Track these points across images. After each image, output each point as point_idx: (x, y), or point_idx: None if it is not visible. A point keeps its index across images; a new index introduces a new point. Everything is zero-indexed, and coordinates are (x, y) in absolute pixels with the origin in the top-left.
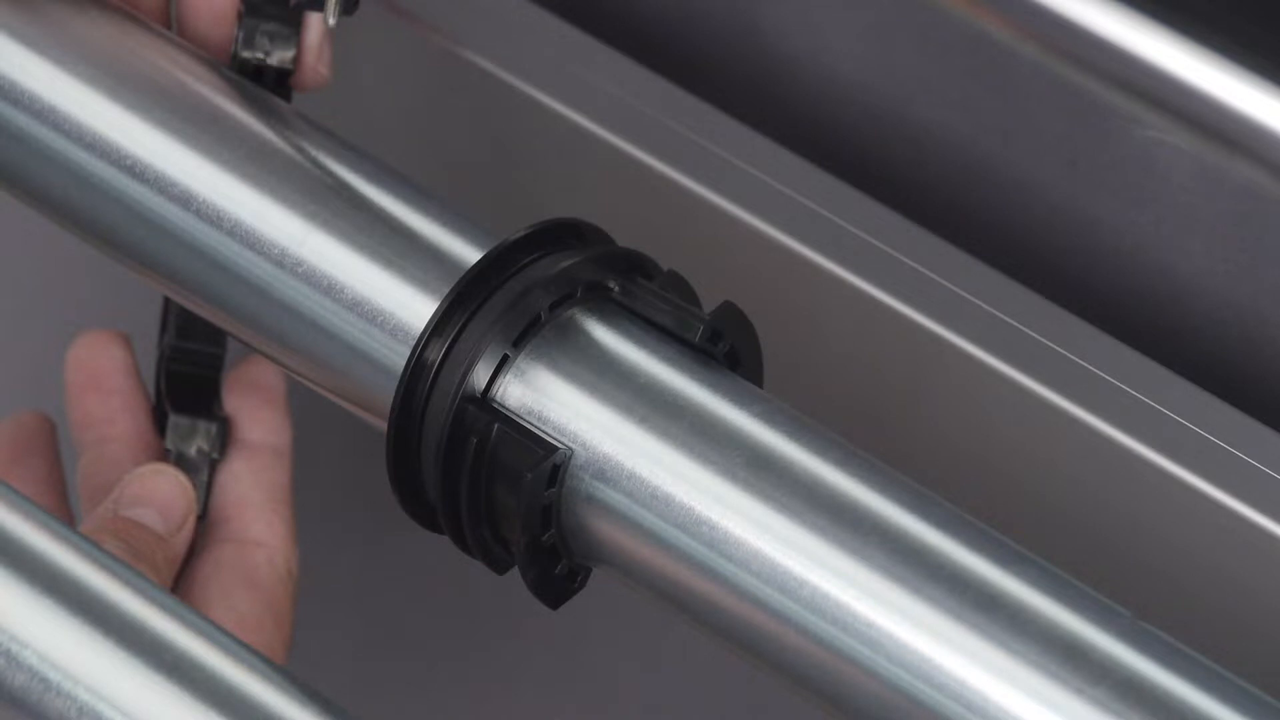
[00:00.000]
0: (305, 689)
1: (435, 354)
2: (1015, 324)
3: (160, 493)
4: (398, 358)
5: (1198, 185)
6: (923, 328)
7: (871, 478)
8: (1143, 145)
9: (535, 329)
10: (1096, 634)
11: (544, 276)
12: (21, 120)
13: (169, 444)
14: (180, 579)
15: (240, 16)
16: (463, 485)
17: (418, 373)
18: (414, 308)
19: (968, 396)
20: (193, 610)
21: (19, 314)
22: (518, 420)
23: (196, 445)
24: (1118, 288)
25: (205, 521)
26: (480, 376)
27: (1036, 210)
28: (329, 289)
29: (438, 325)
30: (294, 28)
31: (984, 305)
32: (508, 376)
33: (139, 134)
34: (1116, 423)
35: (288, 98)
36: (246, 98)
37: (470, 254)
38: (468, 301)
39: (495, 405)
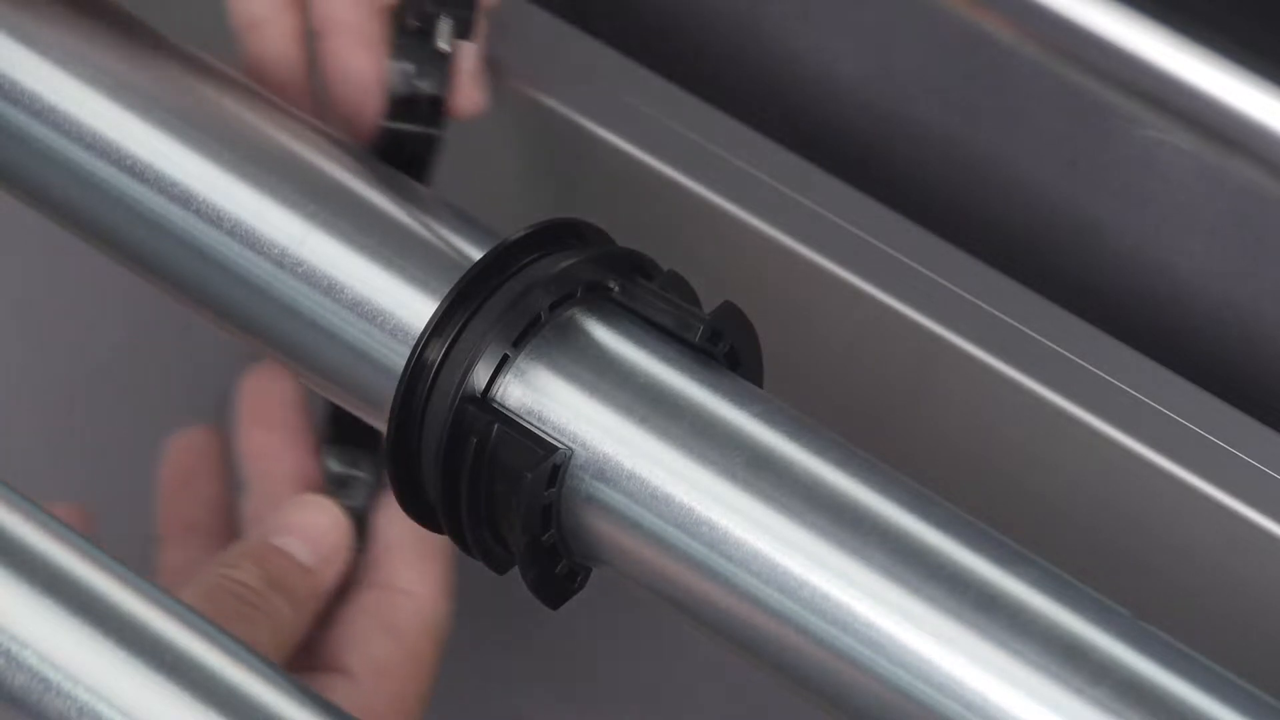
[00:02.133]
0: (305, 689)
1: (435, 354)
2: (1015, 324)
3: (311, 524)
4: (398, 358)
5: (1198, 185)
6: (923, 328)
7: (871, 478)
8: (1143, 145)
9: (535, 329)
10: (1096, 634)
11: (544, 276)
12: (21, 120)
13: (329, 479)
14: (325, 615)
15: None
16: (463, 485)
17: (418, 373)
18: (414, 308)
19: (968, 396)
20: (193, 610)
21: (19, 314)
22: (518, 420)
23: (358, 480)
24: (1118, 288)
25: (361, 556)
26: (480, 376)
27: (1036, 210)
28: (329, 289)
29: (438, 325)
30: (438, 63)
31: (984, 305)
32: (508, 376)
33: (139, 134)
34: (1116, 423)
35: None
36: (247, 98)
37: (470, 254)
38: (468, 301)
39: (495, 405)
